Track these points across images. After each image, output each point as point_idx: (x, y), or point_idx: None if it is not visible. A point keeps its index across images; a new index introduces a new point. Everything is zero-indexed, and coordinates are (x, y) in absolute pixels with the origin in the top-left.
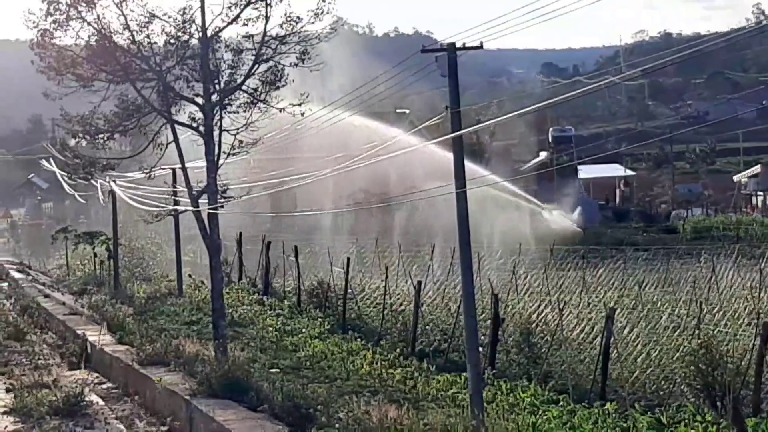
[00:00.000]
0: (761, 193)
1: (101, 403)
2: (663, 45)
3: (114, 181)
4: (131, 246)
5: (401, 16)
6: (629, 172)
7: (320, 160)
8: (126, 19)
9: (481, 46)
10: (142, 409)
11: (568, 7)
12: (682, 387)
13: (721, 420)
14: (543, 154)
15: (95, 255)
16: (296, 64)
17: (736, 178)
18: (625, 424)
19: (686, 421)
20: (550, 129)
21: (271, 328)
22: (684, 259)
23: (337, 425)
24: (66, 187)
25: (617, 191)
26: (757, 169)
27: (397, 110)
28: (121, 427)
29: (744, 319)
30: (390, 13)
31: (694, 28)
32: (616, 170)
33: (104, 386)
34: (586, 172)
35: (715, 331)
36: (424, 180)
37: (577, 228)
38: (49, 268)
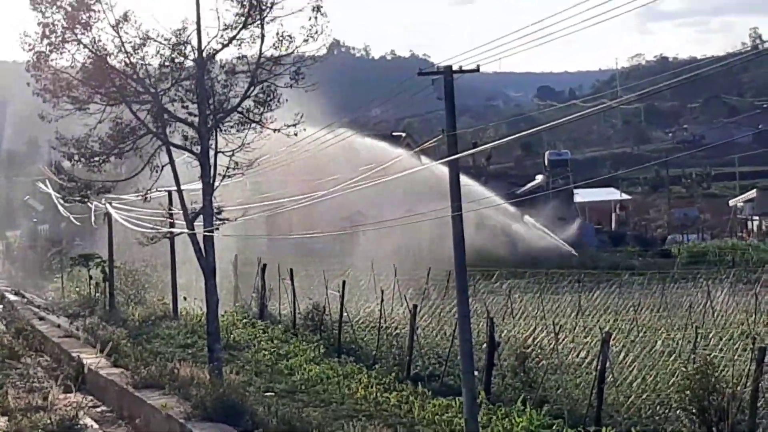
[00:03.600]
0: (757, 218)
1: (95, 426)
2: (659, 69)
3: (110, 204)
4: (127, 268)
5: (398, 39)
6: (625, 196)
7: (316, 181)
8: (122, 40)
9: (477, 69)
10: None
11: (563, 32)
12: (677, 412)
13: None
14: (539, 178)
15: (90, 277)
16: (291, 85)
17: (731, 202)
18: None
19: None
20: (546, 152)
21: (266, 352)
22: (680, 283)
23: None
24: (61, 209)
25: (613, 215)
26: (752, 193)
27: (393, 133)
28: None
29: (739, 344)
30: (387, 36)
31: (690, 52)
32: (611, 194)
33: (99, 409)
34: (581, 196)
35: (711, 356)
36: (416, 203)
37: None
38: (44, 290)
